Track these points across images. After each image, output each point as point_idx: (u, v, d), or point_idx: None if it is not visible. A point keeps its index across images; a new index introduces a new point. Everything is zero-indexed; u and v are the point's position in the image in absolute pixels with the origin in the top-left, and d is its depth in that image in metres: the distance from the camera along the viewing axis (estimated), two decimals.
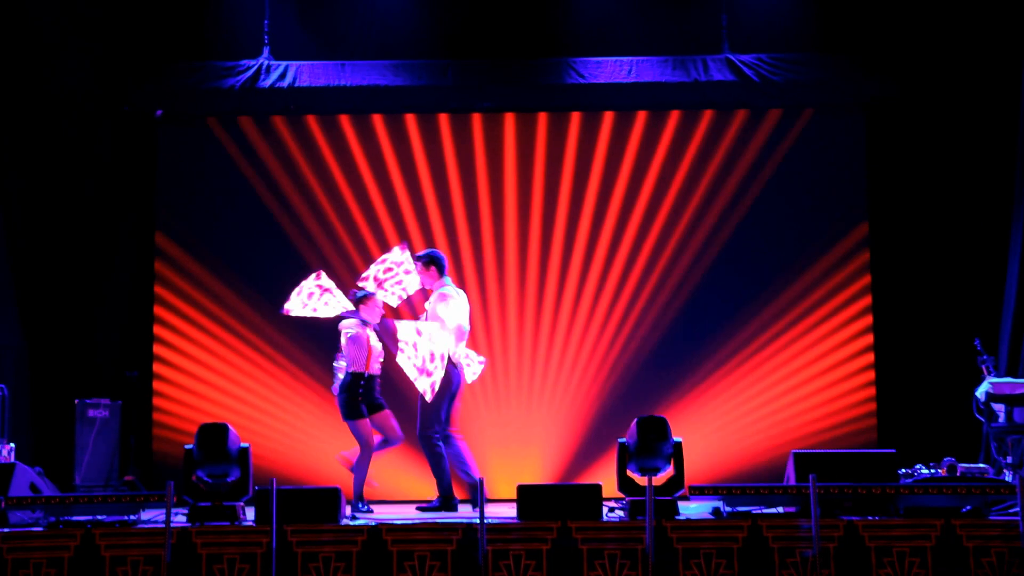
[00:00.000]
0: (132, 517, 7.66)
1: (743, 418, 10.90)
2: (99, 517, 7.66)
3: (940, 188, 10.91)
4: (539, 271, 10.99)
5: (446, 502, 8.89)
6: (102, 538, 7.36)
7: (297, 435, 10.86)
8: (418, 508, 8.93)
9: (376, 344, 8.94)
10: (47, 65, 10.74)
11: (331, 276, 10.83)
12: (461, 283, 11.00)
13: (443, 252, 9.29)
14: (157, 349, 10.95)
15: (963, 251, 10.86)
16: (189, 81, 10.86)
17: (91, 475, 9.97)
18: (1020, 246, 10.27)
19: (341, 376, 8.98)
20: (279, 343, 10.90)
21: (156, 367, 10.92)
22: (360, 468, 8.84)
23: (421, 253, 9.25)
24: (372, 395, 8.91)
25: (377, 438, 8.93)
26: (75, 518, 7.65)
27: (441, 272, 9.14)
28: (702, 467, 10.44)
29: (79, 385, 10.43)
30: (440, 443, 8.93)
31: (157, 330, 10.97)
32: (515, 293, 10.99)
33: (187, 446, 7.86)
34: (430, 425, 8.91)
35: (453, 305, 8.98)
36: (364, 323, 8.91)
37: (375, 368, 8.94)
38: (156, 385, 10.90)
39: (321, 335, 10.79)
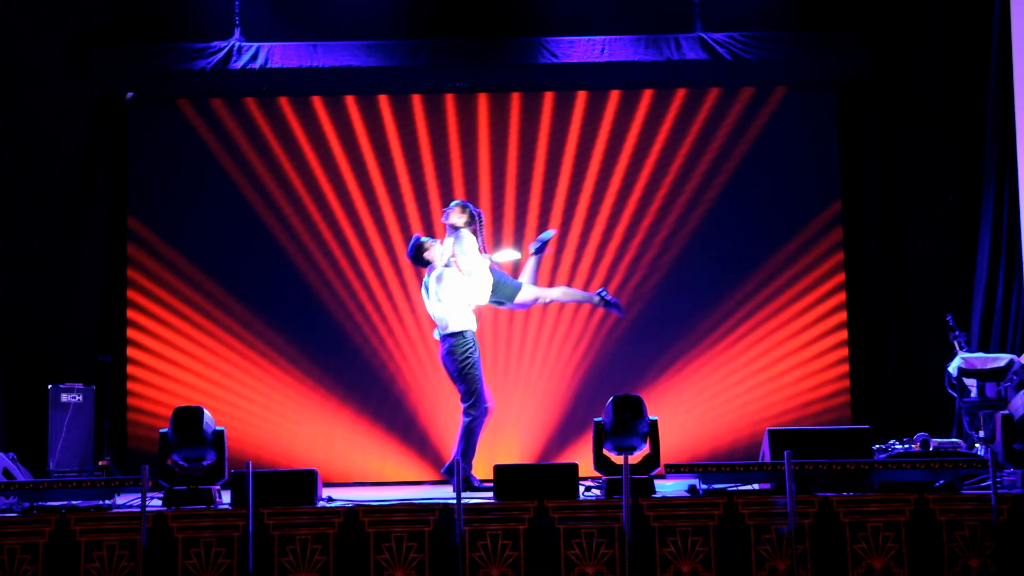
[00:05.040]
0: (107, 502, 7.62)
1: (718, 396, 10.93)
2: (74, 502, 7.62)
3: (912, 165, 10.96)
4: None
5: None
6: (77, 523, 7.32)
7: (273, 418, 10.82)
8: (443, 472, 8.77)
9: None
10: (16, 47, 10.64)
11: (305, 256, 10.89)
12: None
13: (417, 232, 9.18)
14: (131, 333, 10.88)
15: (935, 227, 10.91)
16: (160, 63, 10.77)
17: (65, 460, 9.91)
18: (991, 222, 10.35)
19: None
20: (254, 326, 10.85)
21: (130, 351, 10.85)
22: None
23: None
24: None
25: None
26: (49, 503, 7.60)
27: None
28: (678, 445, 10.48)
29: (52, 370, 10.35)
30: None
31: (130, 314, 10.90)
32: None
33: (162, 430, 7.82)
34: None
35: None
36: None
37: None
38: (130, 369, 10.84)
39: (296, 317, 10.81)
